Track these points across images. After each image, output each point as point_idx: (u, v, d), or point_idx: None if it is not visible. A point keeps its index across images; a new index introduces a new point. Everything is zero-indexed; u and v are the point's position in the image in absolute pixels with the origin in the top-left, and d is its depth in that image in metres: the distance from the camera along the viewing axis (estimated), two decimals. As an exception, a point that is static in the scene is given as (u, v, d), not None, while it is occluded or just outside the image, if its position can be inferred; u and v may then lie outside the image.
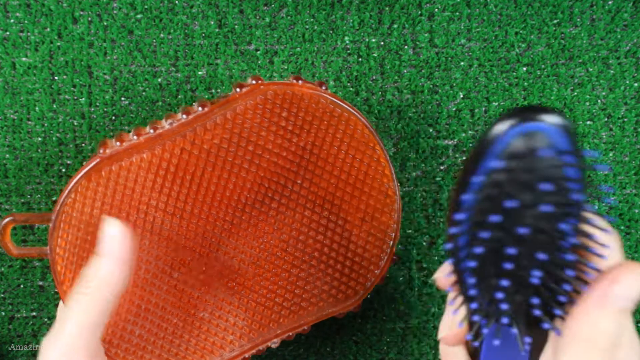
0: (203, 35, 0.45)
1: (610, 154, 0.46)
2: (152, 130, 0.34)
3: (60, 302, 0.37)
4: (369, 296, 0.40)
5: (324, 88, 0.37)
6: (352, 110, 0.37)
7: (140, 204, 0.35)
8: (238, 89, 0.36)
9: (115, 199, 0.35)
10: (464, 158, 0.46)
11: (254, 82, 0.36)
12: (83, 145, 0.45)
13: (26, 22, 0.45)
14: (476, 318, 0.25)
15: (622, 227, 0.47)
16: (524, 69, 0.46)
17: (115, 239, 0.32)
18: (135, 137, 0.34)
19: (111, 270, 0.32)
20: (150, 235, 0.35)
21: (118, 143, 0.34)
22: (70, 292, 0.33)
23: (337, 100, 0.37)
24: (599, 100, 0.46)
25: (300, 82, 0.36)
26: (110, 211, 0.35)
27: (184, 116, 0.35)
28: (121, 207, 0.35)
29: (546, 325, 0.23)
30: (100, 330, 0.32)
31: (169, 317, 0.36)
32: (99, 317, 0.32)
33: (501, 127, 0.21)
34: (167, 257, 0.36)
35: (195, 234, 0.36)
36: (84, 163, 0.35)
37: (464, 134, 0.46)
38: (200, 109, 0.35)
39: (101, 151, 0.34)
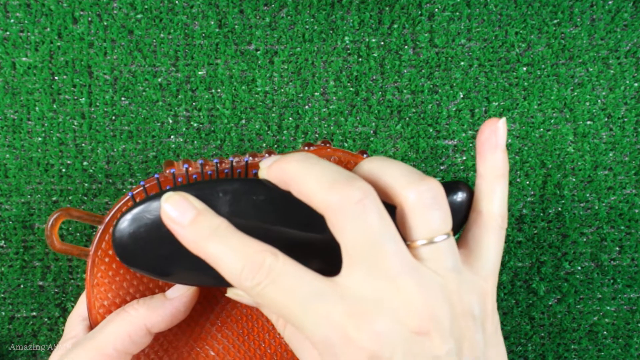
0: (203, 35, 0.45)
1: (610, 154, 0.46)
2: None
3: (75, 310, 0.37)
4: None
5: None
6: None
7: None
8: (306, 148, 0.36)
9: None
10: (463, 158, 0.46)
11: (322, 144, 0.36)
12: (83, 145, 0.45)
13: (26, 22, 0.45)
14: None
15: (622, 227, 0.47)
16: (524, 69, 0.46)
17: (186, 297, 0.34)
18: (201, 168, 0.34)
19: (163, 315, 0.34)
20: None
21: (186, 166, 0.34)
22: (101, 295, 0.34)
23: None
24: (599, 100, 0.46)
25: (365, 156, 0.37)
26: None
27: (250, 158, 0.35)
28: None
29: None
30: (124, 355, 0.34)
31: (176, 343, 0.36)
32: (126, 338, 0.33)
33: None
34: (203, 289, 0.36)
35: None
36: (149, 177, 0.35)
37: (464, 134, 0.46)
38: (267, 155, 0.35)
39: (167, 172, 0.34)
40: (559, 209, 0.47)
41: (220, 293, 0.36)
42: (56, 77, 0.45)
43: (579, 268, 0.47)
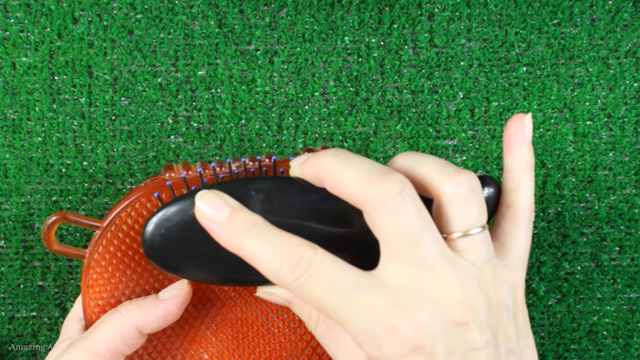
0: (203, 35, 0.45)
1: (610, 154, 0.46)
2: (217, 169, 0.35)
3: (72, 311, 0.37)
4: None
5: None
6: None
7: None
8: (306, 153, 0.36)
9: None
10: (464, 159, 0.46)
11: (322, 150, 0.36)
12: (83, 145, 0.45)
13: (26, 22, 0.45)
14: None
15: (622, 227, 0.47)
16: (524, 69, 0.46)
17: (178, 298, 0.34)
18: (201, 171, 0.35)
19: (154, 315, 0.34)
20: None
21: (184, 172, 0.34)
22: (96, 295, 0.34)
23: None
24: (599, 100, 0.46)
25: None
26: None
27: (251, 162, 0.35)
28: None
29: None
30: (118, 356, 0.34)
31: (170, 346, 0.36)
32: (118, 339, 0.33)
33: None
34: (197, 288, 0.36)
35: None
36: (147, 181, 0.35)
37: (464, 134, 0.46)
38: (267, 160, 0.35)
39: (167, 176, 0.34)
40: (559, 209, 0.47)
41: (215, 296, 0.36)
42: (56, 77, 0.45)
43: (579, 268, 0.47)
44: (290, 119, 0.46)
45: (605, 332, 0.47)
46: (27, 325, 0.46)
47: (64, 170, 0.45)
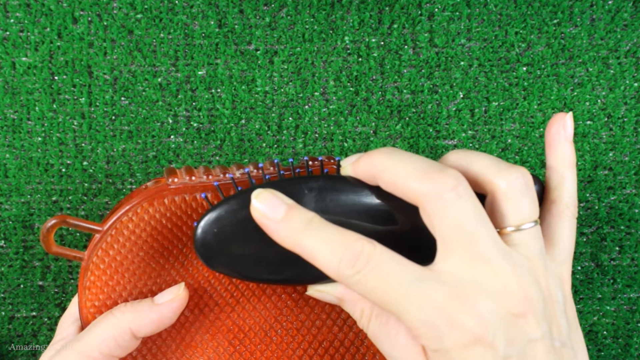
0: (203, 35, 0.45)
1: (610, 154, 0.46)
2: (220, 175, 0.35)
3: (67, 311, 0.37)
4: None
5: None
6: None
7: (190, 239, 0.35)
8: (311, 162, 0.36)
9: (169, 229, 0.35)
10: None
11: (326, 159, 0.36)
12: (83, 145, 0.45)
13: (26, 22, 0.45)
14: None
15: (622, 227, 0.47)
16: (524, 69, 0.46)
17: (173, 302, 0.34)
18: (204, 177, 0.34)
19: (149, 319, 0.34)
20: (183, 268, 0.36)
21: (188, 177, 0.34)
22: (93, 296, 0.34)
23: None
24: (599, 100, 0.46)
25: None
26: (163, 240, 0.35)
27: (254, 170, 0.35)
28: (173, 238, 0.35)
29: None
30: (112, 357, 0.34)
31: (165, 350, 0.36)
32: (111, 341, 0.33)
33: None
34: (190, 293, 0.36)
35: (222, 281, 0.36)
36: (148, 184, 0.35)
37: (464, 134, 0.46)
38: (271, 168, 0.35)
39: (170, 180, 0.34)
40: (559, 209, 0.47)
41: (212, 302, 0.36)
42: (56, 77, 0.45)
43: (579, 268, 0.47)
44: (290, 119, 0.46)
45: (605, 332, 0.47)
46: (27, 325, 0.46)
47: (64, 170, 0.45)
